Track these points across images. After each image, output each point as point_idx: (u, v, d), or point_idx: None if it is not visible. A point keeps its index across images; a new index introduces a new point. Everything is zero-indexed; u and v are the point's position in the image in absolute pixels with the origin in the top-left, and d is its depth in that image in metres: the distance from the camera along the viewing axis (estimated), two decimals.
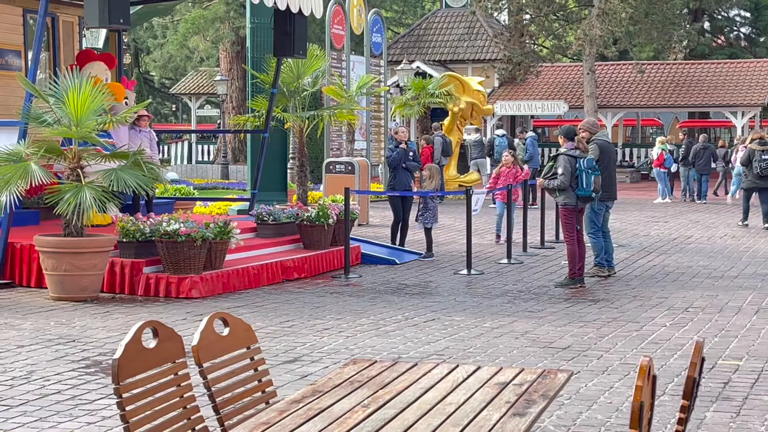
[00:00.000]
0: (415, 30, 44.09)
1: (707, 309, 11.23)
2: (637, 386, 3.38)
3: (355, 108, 19.79)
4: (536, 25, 40.33)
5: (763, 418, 6.89)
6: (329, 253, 14.43)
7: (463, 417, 3.73)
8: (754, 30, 50.50)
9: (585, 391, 7.59)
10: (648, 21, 38.44)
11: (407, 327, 10.21)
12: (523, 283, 13.21)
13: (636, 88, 41.48)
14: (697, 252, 16.53)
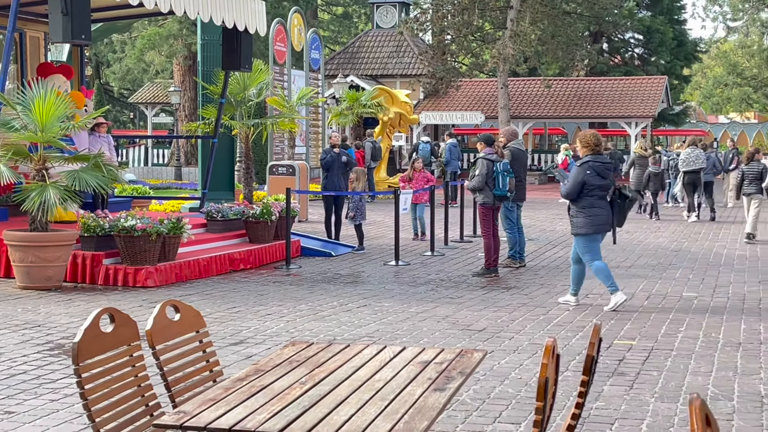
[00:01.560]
0: (350, 48, 44.11)
1: (605, 295, 11.32)
2: (542, 364, 3.40)
3: (296, 117, 19.75)
4: (457, 45, 40.52)
5: (653, 391, 6.98)
6: (272, 246, 14.39)
7: (390, 392, 3.72)
8: (646, 51, 51.22)
9: (498, 368, 7.64)
10: (554, 42, 38.88)
11: (341, 312, 10.20)
12: (444, 272, 13.26)
13: (544, 101, 41.90)
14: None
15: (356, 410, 3.49)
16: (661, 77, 43.78)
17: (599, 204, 10.37)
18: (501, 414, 6.39)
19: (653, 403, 6.65)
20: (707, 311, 10.24)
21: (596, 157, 10.40)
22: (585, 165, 10.35)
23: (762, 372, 7.57)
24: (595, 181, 10.27)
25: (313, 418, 3.41)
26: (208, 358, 4.63)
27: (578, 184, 10.30)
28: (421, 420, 3.37)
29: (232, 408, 3.54)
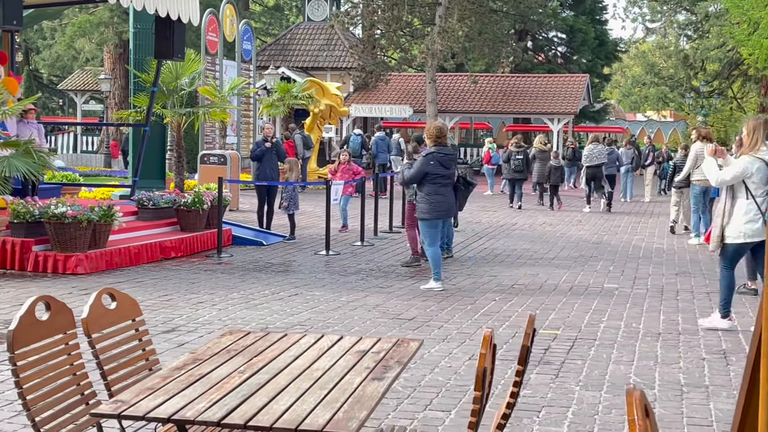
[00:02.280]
0: (281, 40, 43.82)
1: (530, 286, 11.46)
2: (481, 354, 3.39)
3: (227, 107, 19.50)
4: (386, 40, 40.54)
5: (578, 379, 7.05)
6: (203, 235, 14.23)
7: (328, 381, 3.68)
8: (568, 50, 51.82)
9: (428, 356, 7.64)
10: (481, 39, 39.12)
11: (273, 300, 10.12)
12: (374, 262, 13.25)
13: (470, 96, 42.12)
14: (521, 237, 16.87)
15: (296, 399, 3.44)
16: (582, 75, 44.35)
17: (441, 192, 10.87)
18: (432, 401, 6.39)
19: (578, 391, 6.72)
20: (628, 302, 10.39)
21: (440, 149, 10.92)
22: (429, 156, 10.87)
23: (681, 361, 7.69)
24: (438, 170, 10.80)
25: (253, 407, 3.36)
26: (145, 346, 4.53)
27: (421, 173, 10.82)
28: (360, 409, 3.33)
29: (171, 397, 3.46)
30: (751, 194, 8.38)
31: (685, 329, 8.96)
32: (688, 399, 6.58)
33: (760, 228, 8.31)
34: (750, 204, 8.37)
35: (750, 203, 8.37)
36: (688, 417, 6.16)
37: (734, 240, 8.50)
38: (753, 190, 8.38)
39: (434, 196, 10.85)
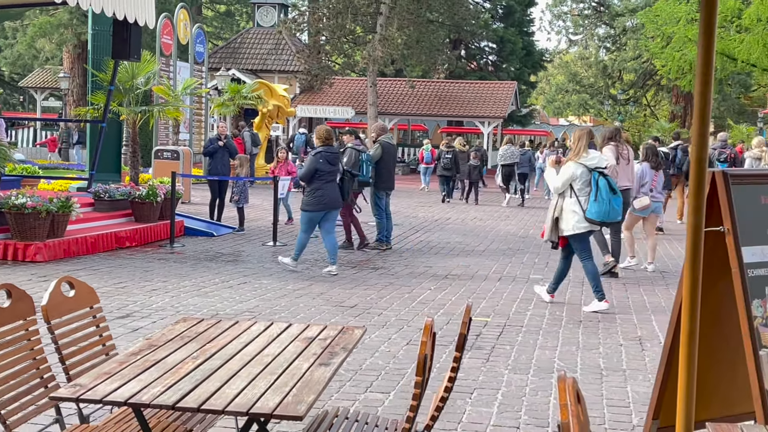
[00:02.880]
0: (232, 43, 43.41)
1: (462, 276, 11.49)
2: (422, 342, 3.36)
3: (181, 106, 19.26)
4: (331, 46, 40.42)
5: (507, 364, 7.08)
6: (157, 226, 14.02)
7: (278, 366, 3.63)
8: (498, 58, 52.18)
9: (369, 342, 7.61)
10: (418, 47, 39.18)
11: (223, 288, 10.00)
12: (318, 253, 13.15)
13: (408, 100, 42.20)
14: (454, 231, 16.93)
15: (247, 384, 3.39)
16: (511, 82, 44.69)
17: (326, 187, 11.16)
18: (372, 384, 6.36)
19: (507, 375, 6.74)
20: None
21: (327, 148, 11.27)
22: (318, 155, 11.18)
23: (600, 347, 7.77)
24: (325, 168, 11.11)
25: (206, 391, 3.29)
26: (102, 332, 4.42)
27: (312, 170, 11.09)
28: (309, 393, 3.29)
29: (128, 381, 3.38)
30: (575, 194, 9.15)
31: (604, 317, 9.04)
32: (608, 382, 6.65)
33: (583, 222, 9.13)
34: (575, 203, 9.14)
35: (574, 202, 9.14)
36: (607, 399, 6.22)
37: (570, 232, 9.21)
38: (577, 191, 9.15)
39: (318, 191, 11.14)
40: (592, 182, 9.15)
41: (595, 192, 9.10)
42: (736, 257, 4.17)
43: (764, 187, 4.48)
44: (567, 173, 9.20)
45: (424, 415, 3.90)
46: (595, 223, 9.21)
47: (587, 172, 9.18)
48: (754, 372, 4.05)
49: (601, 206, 9.08)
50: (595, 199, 9.09)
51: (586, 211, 9.11)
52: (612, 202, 9.13)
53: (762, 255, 4.31)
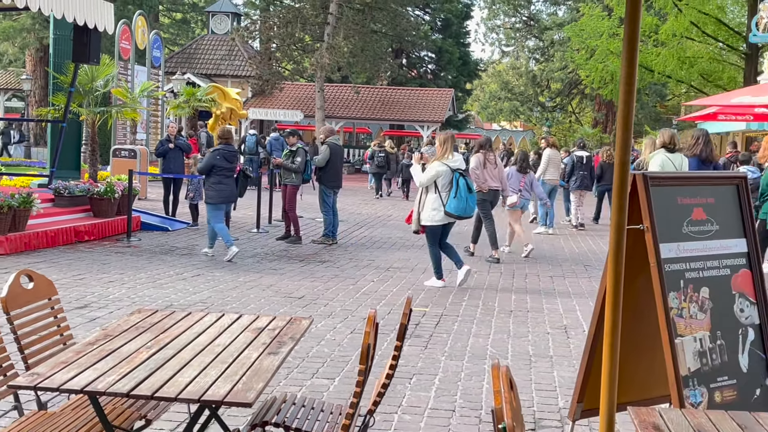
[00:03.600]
0: (188, 49, 42.88)
1: (402, 269, 11.48)
2: (366, 332, 3.33)
3: (138, 107, 18.96)
4: (281, 53, 40.19)
5: (444, 351, 7.08)
6: (115, 221, 13.76)
7: (229, 356, 3.56)
8: (437, 67, 52.35)
9: (316, 331, 7.56)
10: (363, 55, 39.14)
11: (178, 281, 9.85)
12: (268, 247, 13.06)
13: (353, 104, 42.12)
14: (395, 227, 16.92)
15: (199, 372, 3.32)
16: (448, 90, 44.85)
17: (225, 182, 11.52)
18: (318, 371, 6.31)
19: (444, 361, 6.75)
20: (485, 285, 10.51)
21: (226, 146, 11.61)
22: (216, 152, 11.54)
23: (529, 335, 7.82)
24: (223, 164, 11.44)
25: (160, 380, 3.21)
26: (59, 323, 4.30)
27: (210, 166, 11.43)
28: (258, 381, 3.23)
29: (84, 370, 3.29)
30: (438, 190, 9.60)
31: (533, 307, 9.11)
32: (536, 367, 6.69)
33: (443, 215, 9.67)
34: (437, 198, 9.64)
35: (437, 197, 9.65)
36: (536, 383, 6.26)
37: (429, 223, 9.75)
38: (440, 188, 9.62)
39: (219, 185, 11.44)
40: (453, 181, 9.63)
41: (455, 190, 9.61)
42: (655, 253, 4.21)
43: (681, 188, 4.53)
44: (432, 171, 9.65)
45: (367, 399, 3.87)
46: (453, 217, 9.74)
47: (450, 171, 9.65)
48: (670, 359, 4.10)
49: (460, 202, 9.63)
50: (455, 196, 9.62)
51: (446, 206, 9.62)
52: (468, 199, 9.71)
53: (678, 251, 4.36)
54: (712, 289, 4.42)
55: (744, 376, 4.43)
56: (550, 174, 16.08)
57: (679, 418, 3.01)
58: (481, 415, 5.43)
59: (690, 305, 4.31)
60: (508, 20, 60.49)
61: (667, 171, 9.72)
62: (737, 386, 4.39)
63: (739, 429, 2.93)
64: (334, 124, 40.14)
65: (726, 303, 4.45)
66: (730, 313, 4.45)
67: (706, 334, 4.33)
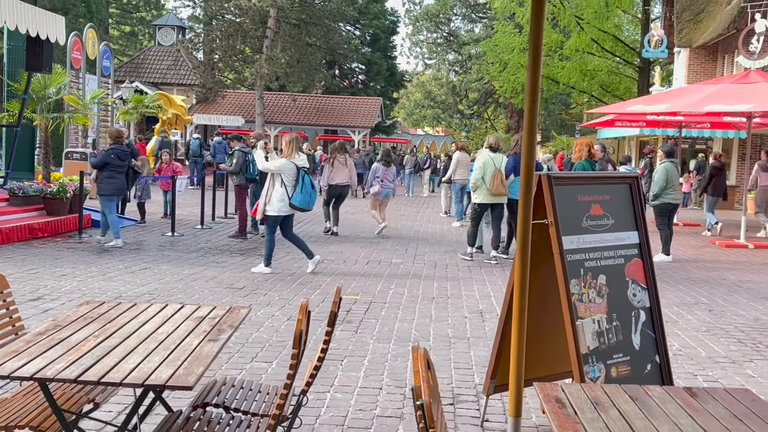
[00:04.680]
0: (135, 59, 41.98)
1: (336, 260, 11.45)
2: (298, 319, 3.30)
3: (89, 113, 18.46)
4: (223, 63, 39.69)
5: (372, 335, 7.08)
6: (67, 219, 13.39)
7: (171, 343, 3.49)
8: (367, 78, 52.39)
9: (255, 318, 7.48)
10: (299, 66, 38.91)
11: (126, 274, 9.63)
12: (212, 242, 12.88)
13: (290, 111, 41.86)
14: None
15: (143, 359, 3.24)
16: (377, 98, 44.94)
17: (117, 176, 11.81)
18: (257, 355, 6.24)
19: (372, 344, 6.75)
20: (410, 274, 10.55)
21: (118, 146, 11.90)
22: (110, 150, 11.85)
23: (449, 319, 7.87)
24: (115, 161, 11.76)
25: (106, 366, 3.13)
26: (11, 314, 4.15)
27: (103, 162, 11.70)
28: (198, 366, 3.17)
29: (34, 358, 3.18)
30: (284, 184, 9.83)
31: (452, 294, 9.18)
32: (455, 348, 6.73)
33: (286, 207, 9.89)
34: (284, 192, 9.84)
35: (284, 191, 9.84)
36: (454, 362, 6.30)
37: (274, 213, 9.89)
38: (286, 182, 9.84)
39: (111, 179, 11.70)
40: (299, 178, 9.90)
41: (301, 185, 9.88)
42: (558, 245, 4.28)
43: (581, 187, 4.61)
44: (278, 164, 9.87)
45: (301, 380, 3.84)
46: (296, 209, 9.95)
47: (296, 169, 9.89)
48: (572, 339, 4.17)
49: (305, 196, 9.91)
50: (300, 191, 9.88)
51: (292, 199, 9.87)
52: (311, 194, 10.00)
53: (578, 243, 4.43)
54: (609, 276, 4.51)
55: (636, 353, 4.54)
56: (459, 174, 16.48)
57: (579, 391, 3.06)
58: (406, 393, 5.44)
59: (589, 291, 4.39)
60: (431, 36, 60.88)
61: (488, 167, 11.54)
62: (631, 362, 4.49)
63: (630, 400, 3.00)
64: (273, 129, 39.87)
65: (620, 288, 4.55)
66: (624, 297, 4.55)
67: (604, 316, 4.42)
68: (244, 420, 3.56)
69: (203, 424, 3.48)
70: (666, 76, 35.26)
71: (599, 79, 34.85)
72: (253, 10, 37.48)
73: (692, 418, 2.84)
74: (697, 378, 6.10)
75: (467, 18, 58.70)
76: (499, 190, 11.44)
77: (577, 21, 32.95)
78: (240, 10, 37.77)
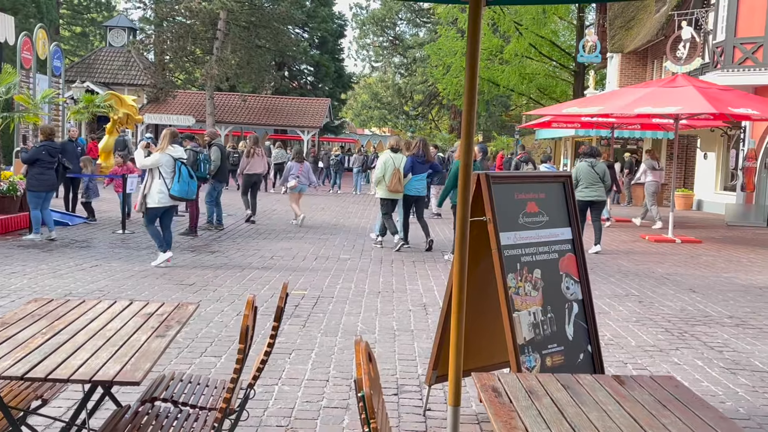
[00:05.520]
0: (86, 60, 41.06)
1: (285, 257, 11.37)
2: (244, 315, 3.27)
3: (39, 113, 17.99)
4: (174, 64, 39.07)
5: (320, 328, 7.06)
6: (17, 216, 13.03)
7: (119, 339, 3.42)
8: (315, 79, 52.18)
9: (205, 314, 7.39)
10: (249, 67, 38.54)
11: (77, 271, 9.42)
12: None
13: (241, 111, 41.44)
14: (278, 220, 16.72)
15: (90, 355, 3.17)
16: (325, 99, 44.77)
17: (47, 173, 11.68)
18: (206, 350, 6.17)
19: (320, 337, 6.73)
20: (357, 269, 10.55)
21: (50, 143, 11.80)
22: (41, 147, 11.69)
23: (394, 312, 7.89)
24: (46, 158, 11.62)
25: (53, 363, 3.05)
26: None
27: (34, 157, 11.60)
28: (145, 361, 3.12)
29: None
30: (163, 176, 9.84)
31: (398, 288, 9.20)
32: (399, 340, 6.76)
33: (167, 198, 9.86)
34: (162, 183, 9.86)
35: (162, 182, 9.87)
36: (399, 353, 6.32)
37: (155, 205, 9.88)
38: (164, 174, 9.86)
39: (41, 175, 11.55)
40: (176, 168, 9.91)
41: (178, 176, 9.90)
42: (496, 241, 4.32)
43: (518, 185, 4.66)
44: (153, 159, 9.90)
45: (249, 374, 3.80)
46: (176, 199, 9.97)
47: (172, 160, 9.89)
48: (509, 330, 4.22)
49: (182, 186, 9.91)
50: (178, 181, 9.90)
51: (171, 189, 9.85)
52: (190, 184, 10.01)
53: (515, 239, 4.49)
54: (544, 270, 4.58)
55: (570, 343, 4.61)
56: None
57: (514, 381, 3.10)
58: (351, 384, 5.44)
59: (525, 284, 4.45)
60: (377, 39, 60.94)
61: (388, 166, 12.28)
62: (564, 352, 4.57)
63: (562, 388, 3.05)
64: (223, 128, 39.43)
65: (555, 282, 4.62)
66: (558, 290, 4.63)
67: (539, 308, 4.48)
68: (192, 414, 3.52)
69: (151, 419, 3.43)
70: (600, 80, 35.90)
71: (537, 82, 35.34)
72: (203, 13, 37.00)
73: (620, 404, 2.90)
74: (627, 366, 6.23)
75: (412, 22, 58.92)
76: (397, 188, 12.22)
77: (516, 27, 33.34)
78: (190, 12, 37.25)
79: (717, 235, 16.87)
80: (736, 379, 5.97)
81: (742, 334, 7.54)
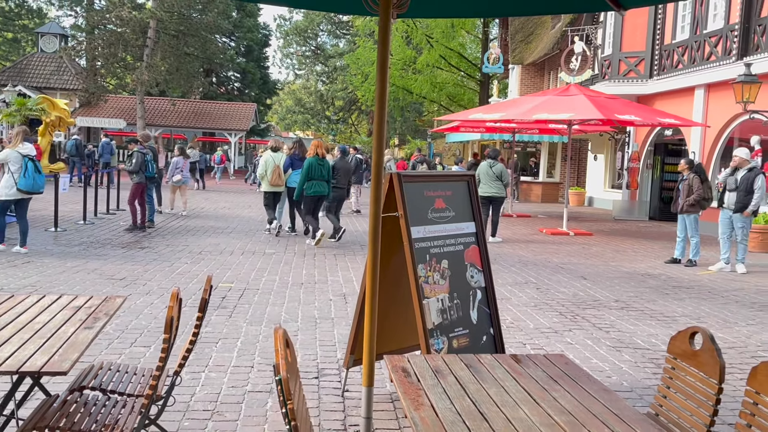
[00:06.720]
0: (18, 65, 39.29)
1: (212, 252, 11.17)
2: (169, 306, 3.19)
3: None
4: (105, 69, 37.80)
5: (245, 318, 6.96)
6: None
7: (47, 332, 3.29)
8: (242, 85, 51.42)
9: (134, 306, 7.18)
10: (178, 74, 37.67)
11: (8, 267, 9.00)
12: (94, 236, 12.25)
13: (171, 115, 40.47)
14: (207, 217, 16.42)
15: (18, 347, 3.03)
16: (251, 104, 44.17)
17: None
18: (136, 340, 6.00)
19: (245, 327, 6.64)
20: (281, 262, 10.45)
21: None
22: None
23: (316, 302, 7.85)
24: None
25: None
26: None
27: None
28: (73, 352, 3.01)
29: None
30: (11, 172, 9.79)
31: (319, 279, 9.16)
32: (320, 328, 6.73)
33: (15, 192, 9.88)
34: (10, 178, 9.86)
35: (9, 177, 9.86)
36: (320, 340, 6.30)
37: (3, 198, 9.94)
38: (13, 170, 9.84)
39: None
40: (23, 164, 9.88)
41: (24, 171, 9.90)
42: (407, 234, 4.35)
43: (427, 184, 4.71)
44: (3, 155, 9.90)
45: (175, 362, 3.72)
46: (24, 192, 9.95)
47: (20, 157, 9.88)
48: (419, 316, 4.26)
49: (28, 180, 9.91)
50: (24, 176, 9.89)
51: (18, 184, 9.86)
52: (36, 178, 9.99)
53: (424, 232, 4.53)
54: (450, 261, 4.64)
55: (474, 326, 4.69)
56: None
57: (422, 362, 3.13)
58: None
59: (434, 274, 4.50)
60: (300, 49, 60.53)
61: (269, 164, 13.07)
62: (469, 335, 4.64)
63: (465, 367, 3.10)
64: (154, 131, 38.43)
65: (460, 271, 4.69)
66: (463, 279, 4.70)
67: (446, 295, 4.54)
68: (119, 400, 3.41)
69: (80, 406, 3.31)
70: (502, 89, 36.69)
71: (447, 90, 35.82)
72: (133, 21, 35.93)
73: (516, 380, 2.97)
74: (526, 346, 6.39)
75: (332, 34, 58.75)
76: (277, 182, 13.11)
77: (427, 39, 33.70)
78: (121, 20, 36.11)
79: (606, 228, 17.49)
80: (620, 356, 6.21)
81: (626, 316, 7.84)
